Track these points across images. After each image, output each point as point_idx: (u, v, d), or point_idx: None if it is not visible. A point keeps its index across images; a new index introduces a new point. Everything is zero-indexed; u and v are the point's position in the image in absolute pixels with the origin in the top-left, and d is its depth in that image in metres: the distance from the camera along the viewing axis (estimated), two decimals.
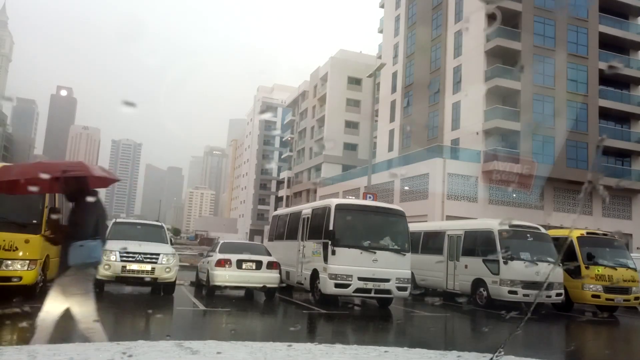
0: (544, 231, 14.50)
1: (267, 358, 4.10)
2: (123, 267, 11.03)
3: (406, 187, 33.16)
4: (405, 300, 13.37)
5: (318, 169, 58.48)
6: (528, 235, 14.03)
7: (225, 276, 12.06)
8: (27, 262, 9.13)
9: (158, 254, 11.36)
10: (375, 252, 11.88)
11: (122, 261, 11.05)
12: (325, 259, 11.86)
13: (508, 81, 32.11)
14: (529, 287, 13.09)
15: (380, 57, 48.32)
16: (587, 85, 34.19)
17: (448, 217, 28.00)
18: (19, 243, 9.10)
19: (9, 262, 9.00)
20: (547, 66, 33.16)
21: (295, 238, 14.34)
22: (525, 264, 13.26)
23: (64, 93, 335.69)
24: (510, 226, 14.27)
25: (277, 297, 13.15)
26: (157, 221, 15.19)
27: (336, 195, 36.72)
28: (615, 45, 35.46)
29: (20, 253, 9.09)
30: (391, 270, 11.87)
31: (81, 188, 4.51)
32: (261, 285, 12.23)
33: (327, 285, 11.62)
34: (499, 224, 14.39)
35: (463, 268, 15.00)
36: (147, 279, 11.23)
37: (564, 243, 14.01)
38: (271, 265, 12.42)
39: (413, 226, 14.58)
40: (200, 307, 11.43)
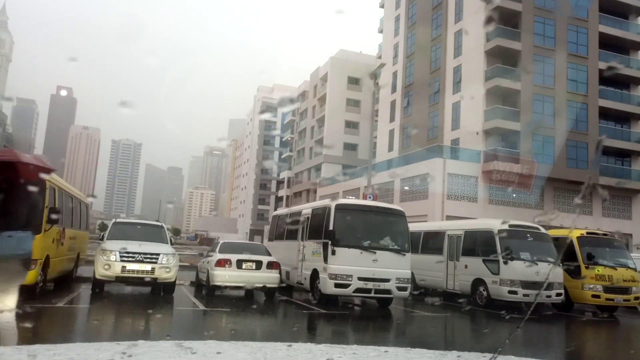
0: (544, 231, 14.49)
1: (267, 358, 4.11)
2: (123, 267, 11.02)
3: (406, 187, 33.17)
4: (405, 300, 13.37)
5: (318, 169, 58.48)
6: (528, 235, 14.03)
7: (225, 276, 12.06)
8: None
9: (158, 254, 11.36)
10: (375, 252, 11.87)
11: (122, 261, 11.05)
12: (325, 259, 11.86)
13: (508, 81, 32.11)
14: (529, 287, 13.09)
15: (380, 57, 48.32)
16: (587, 85, 34.19)
17: (448, 217, 28.00)
18: None
19: None
20: (547, 66, 33.15)
21: (295, 238, 14.33)
22: (525, 264, 13.27)
23: (64, 93, 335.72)
24: (510, 226, 14.26)
25: (277, 297, 13.14)
26: (157, 221, 15.16)
27: (336, 195, 36.70)
28: (615, 45, 35.47)
29: None
30: (391, 270, 11.87)
31: (9, 175, 4.26)
32: (261, 285, 12.23)
33: (327, 285, 11.62)
34: (500, 224, 14.40)
35: (463, 268, 15.00)
36: (147, 279, 11.23)
37: (564, 243, 14.01)
38: (271, 265, 12.42)
39: (413, 226, 14.57)
40: (200, 307, 11.42)
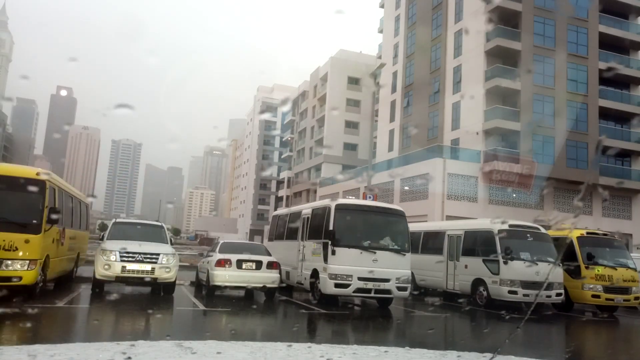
0: (544, 231, 14.49)
1: (267, 358, 4.12)
2: (123, 267, 11.03)
3: (406, 187, 33.16)
4: (405, 300, 13.37)
5: (318, 169, 58.48)
6: (528, 235, 14.04)
7: (225, 276, 12.06)
8: (27, 262, 9.14)
9: (158, 254, 11.36)
10: (375, 252, 11.87)
11: (122, 261, 11.05)
12: (325, 259, 11.86)
13: (508, 81, 32.09)
14: (529, 287, 13.10)
15: (380, 57, 48.33)
16: (587, 85, 34.18)
17: (448, 217, 28.01)
18: (19, 243, 9.10)
19: (9, 262, 9.00)
20: (547, 66, 33.14)
21: (295, 238, 14.34)
22: (525, 264, 13.27)
23: (64, 93, 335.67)
24: (510, 226, 14.26)
25: (277, 297, 13.14)
26: (157, 221, 15.15)
27: (336, 195, 36.70)
28: (615, 45, 35.46)
29: (20, 253, 9.09)
30: (391, 270, 11.87)
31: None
32: (261, 285, 12.23)
33: (327, 285, 11.62)
34: (500, 224, 14.39)
35: (463, 268, 15.00)
36: (147, 279, 11.23)
37: (564, 243, 14.01)
38: (271, 265, 12.42)
39: (413, 226, 14.57)
40: (200, 307, 11.42)
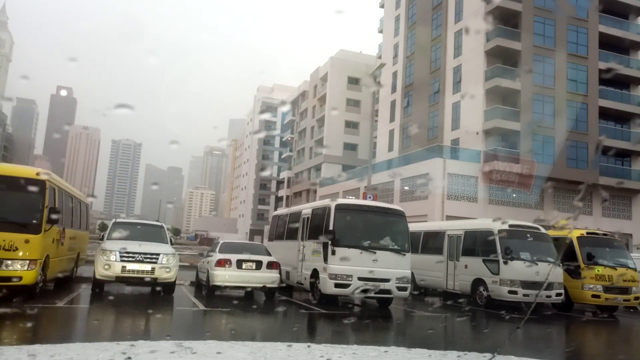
0: (544, 231, 14.49)
1: (267, 358, 4.11)
2: (123, 267, 11.03)
3: (406, 187, 33.16)
4: (405, 300, 13.37)
5: (318, 169, 58.48)
6: (528, 235, 14.04)
7: (225, 276, 12.05)
8: (27, 262, 9.13)
9: (158, 254, 11.36)
10: (375, 252, 11.87)
11: (122, 261, 11.05)
12: (325, 259, 11.86)
13: (508, 81, 32.09)
14: (529, 287, 13.10)
15: (380, 57, 48.30)
16: (587, 85, 34.18)
17: (448, 217, 28.00)
18: (19, 243, 9.10)
19: (9, 262, 9.00)
20: (547, 66, 33.13)
21: (295, 238, 14.33)
22: (525, 264, 13.26)
23: (64, 93, 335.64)
24: (510, 226, 14.26)
25: (277, 297, 13.14)
26: (157, 221, 15.15)
27: (336, 195, 36.70)
28: (615, 45, 35.46)
29: (20, 253, 9.09)
30: (391, 270, 11.87)
31: None
32: (261, 285, 12.22)
33: (327, 285, 11.62)
34: (500, 224, 14.40)
35: (463, 268, 15.00)
36: (147, 279, 11.22)
37: (564, 243, 14.02)
38: (271, 265, 12.41)
39: (413, 226, 14.57)
40: (200, 307, 11.41)
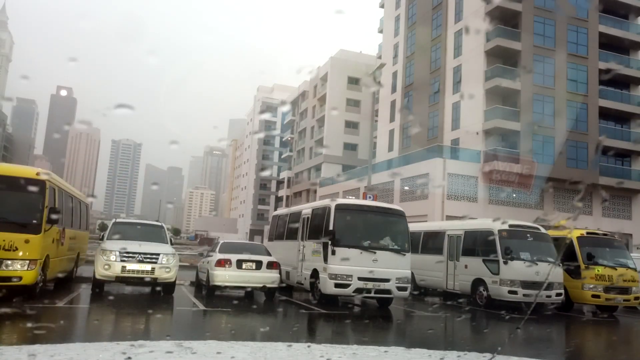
0: (544, 231, 14.49)
1: (267, 358, 4.11)
2: (123, 267, 11.03)
3: (406, 187, 33.16)
4: (405, 300, 13.37)
5: (318, 169, 58.48)
6: (528, 235, 14.03)
7: (225, 276, 12.05)
8: (27, 262, 9.13)
9: (158, 254, 11.36)
10: (375, 252, 11.87)
11: (122, 261, 11.05)
12: (325, 259, 11.86)
13: (508, 81, 32.10)
14: (529, 287, 13.09)
15: (380, 57, 48.30)
16: (587, 85, 34.18)
17: (448, 217, 27.99)
18: (19, 243, 9.10)
19: (9, 262, 9.00)
20: (547, 66, 33.14)
21: (295, 238, 14.33)
22: (525, 264, 13.26)
23: (64, 93, 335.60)
24: (510, 226, 14.26)
25: (277, 297, 13.14)
26: (157, 221, 15.15)
27: (336, 195, 36.70)
28: (615, 45, 35.46)
29: (20, 253, 9.09)
30: (391, 270, 11.87)
31: None
32: (261, 285, 12.22)
33: (327, 285, 11.62)
34: (500, 224, 14.39)
35: (463, 268, 15.00)
36: (147, 279, 11.23)
37: (564, 243, 14.01)
38: (271, 265, 12.41)
39: (413, 226, 14.57)
40: (200, 307, 11.41)
